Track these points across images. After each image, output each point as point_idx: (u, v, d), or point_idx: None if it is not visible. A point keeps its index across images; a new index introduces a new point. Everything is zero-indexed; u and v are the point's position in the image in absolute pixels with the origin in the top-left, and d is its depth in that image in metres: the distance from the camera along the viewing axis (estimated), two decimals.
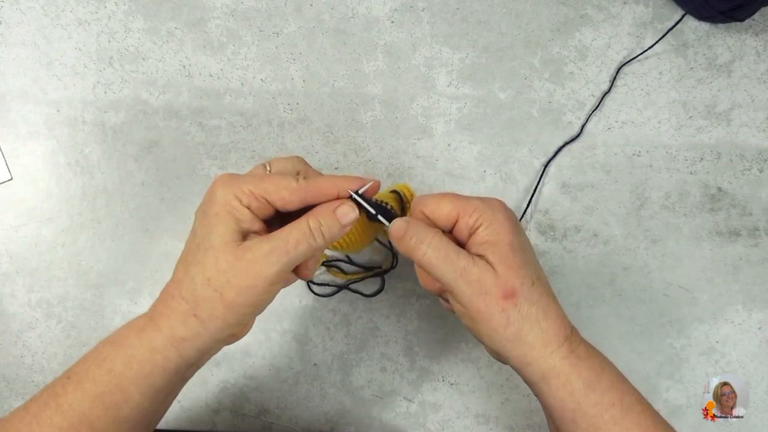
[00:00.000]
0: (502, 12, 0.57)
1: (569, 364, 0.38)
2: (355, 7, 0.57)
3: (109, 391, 0.37)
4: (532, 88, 0.57)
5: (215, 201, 0.38)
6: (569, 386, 0.38)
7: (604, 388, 0.38)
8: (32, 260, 0.56)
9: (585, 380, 0.38)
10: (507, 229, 0.39)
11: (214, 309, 0.37)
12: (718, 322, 0.57)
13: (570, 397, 0.38)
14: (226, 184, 0.38)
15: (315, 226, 0.39)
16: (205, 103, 0.56)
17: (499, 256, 0.38)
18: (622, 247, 0.57)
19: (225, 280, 0.37)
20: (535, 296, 0.38)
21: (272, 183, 0.38)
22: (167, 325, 0.37)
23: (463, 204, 0.40)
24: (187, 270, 0.38)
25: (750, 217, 0.57)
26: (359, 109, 0.57)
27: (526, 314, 0.38)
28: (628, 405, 0.38)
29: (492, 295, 0.37)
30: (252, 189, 0.38)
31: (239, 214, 0.38)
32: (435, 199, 0.41)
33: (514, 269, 0.38)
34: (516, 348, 0.38)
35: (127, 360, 0.37)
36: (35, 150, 0.56)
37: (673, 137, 0.57)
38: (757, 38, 0.58)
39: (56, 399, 0.37)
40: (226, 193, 0.38)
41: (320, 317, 0.56)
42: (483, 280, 0.38)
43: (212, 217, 0.38)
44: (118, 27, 0.56)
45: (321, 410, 0.56)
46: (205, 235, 0.38)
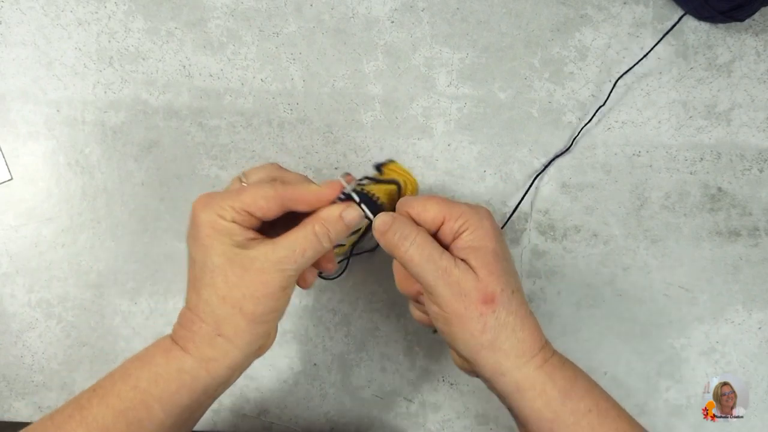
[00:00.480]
0: (502, 12, 0.57)
1: (544, 373, 0.38)
2: (355, 7, 0.57)
3: (133, 407, 0.37)
4: (532, 88, 0.57)
5: (201, 224, 0.38)
6: (545, 396, 0.38)
7: (580, 395, 0.38)
8: (32, 260, 0.56)
9: (560, 389, 0.38)
10: (491, 236, 0.39)
11: (238, 325, 0.38)
12: (718, 322, 0.57)
13: (546, 407, 0.38)
14: (205, 205, 0.38)
15: (321, 231, 0.39)
16: (205, 103, 0.56)
17: (482, 262, 0.38)
18: (622, 247, 0.57)
19: (240, 294, 0.37)
20: (513, 305, 0.38)
21: (248, 195, 0.38)
22: (193, 347, 0.38)
23: (449, 208, 0.40)
24: (200, 295, 0.38)
25: (750, 217, 0.57)
26: (359, 109, 0.57)
27: (504, 322, 0.38)
28: (604, 410, 0.38)
29: (471, 299, 0.37)
30: (231, 204, 0.38)
31: (227, 230, 0.38)
32: (421, 201, 0.40)
33: (495, 276, 0.38)
34: (490, 356, 0.38)
35: (153, 378, 0.38)
36: (35, 150, 0.56)
37: (673, 137, 0.57)
38: (757, 38, 0.58)
39: (81, 411, 0.37)
40: (209, 214, 0.38)
41: (320, 317, 0.56)
42: (463, 282, 0.38)
43: (204, 240, 0.38)
44: (118, 27, 0.56)
45: (321, 410, 0.56)
46: (204, 258, 0.38)
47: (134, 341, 0.56)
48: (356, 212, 0.40)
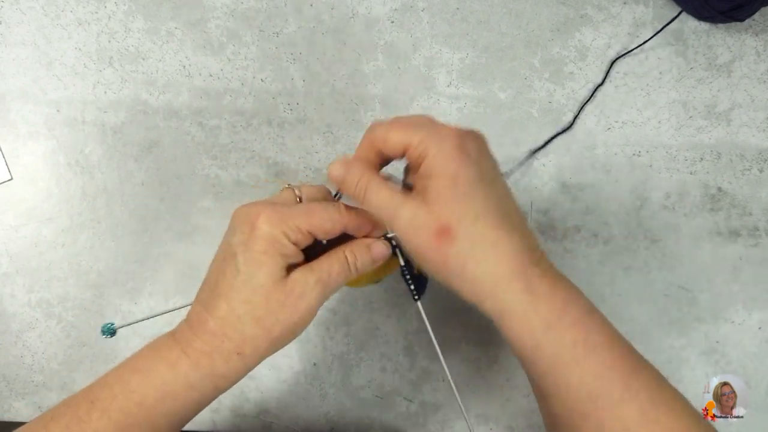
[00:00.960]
0: (502, 12, 0.57)
1: (526, 302, 0.35)
2: (355, 7, 0.57)
3: (137, 423, 0.36)
4: (532, 88, 0.57)
5: (261, 237, 0.36)
6: (526, 324, 0.35)
7: (566, 326, 0.36)
8: (32, 260, 0.56)
9: (543, 319, 0.35)
10: (453, 158, 0.35)
11: (259, 346, 0.37)
12: (718, 322, 0.57)
13: (528, 335, 0.36)
14: (273, 220, 0.36)
15: (352, 260, 0.39)
16: (205, 103, 0.56)
17: (436, 191, 0.35)
18: (622, 247, 0.57)
19: (275, 318, 0.36)
20: (477, 233, 0.35)
21: (318, 217, 0.37)
22: (208, 363, 0.37)
23: (410, 134, 0.36)
24: (233, 308, 0.36)
25: (750, 217, 0.57)
26: (359, 109, 0.57)
27: (468, 251, 0.35)
28: (593, 343, 0.36)
29: (425, 232, 0.35)
30: (299, 224, 0.36)
31: (287, 250, 0.36)
32: (385, 127, 0.38)
33: (449, 204, 0.35)
34: (463, 285, 0.36)
35: (161, 395, 0.36)
36: (35, 150, 0.56)
37: (673, 137, 0.57)
38: (757, 38, 0.58)
39: (80, 424, 0.36)
40: (274, 230, 0.36)
41: (320, 317, 0.56)
42: (416, 216, 0.35)
43: (260, 254, 0.36)
44: (118, 27, 0.56)
45: (321, 410, 0.56)
46: (253, 272, 0.36)
47: (134, 341, 0.56)
48: (383, 248, 0.40)
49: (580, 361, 0.35)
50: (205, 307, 0.37)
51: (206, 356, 0.36)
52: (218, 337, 0.36)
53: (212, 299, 0.37)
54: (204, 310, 0.37)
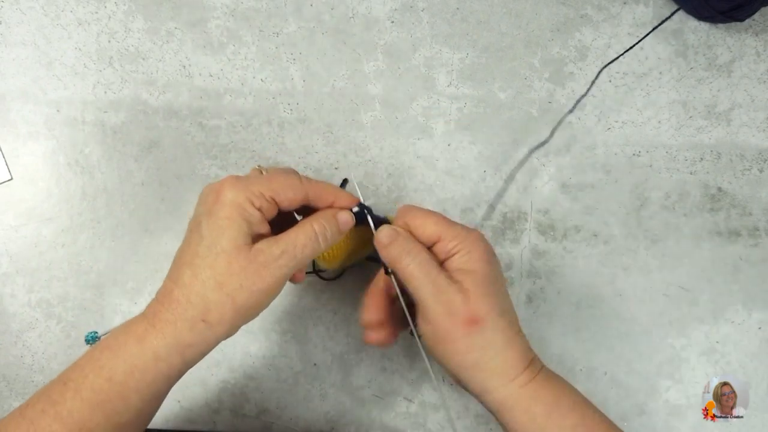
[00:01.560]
0: (502, 12, 0.57)
1: (529, 391, 0.39)
2: (355, 7, 0.57)
3: (109, 399, 0.37)
4: (532, 88, 0.57)
5: (225, 203, 0.37)
6: (530, 413, 0.39)
7: (565, 411, 0.39)
8: (32, 260, 0.56)
9: (545, 405, 0.39)
10: (484, 259, 0.40)
11: (224, 313, 0.37)
12: (718, 322, 0.57)
13: (532, 423, 0.39)
14: (236, 186, 0.38)
15: (320, 230, 0.40)
16: (205, 103, 0.56)
17: (472, 284, 0.39)
18: (622, 247, 0.57)
19: (238, 284, 0.37)
20: (500, 326, 0.39)
21: (279, 183, 0.39)
22: (172, 332, 0.37)
23: (446, 228, 0.41)
24: (196, 274, 0.37)
25: (750, 217, 0.57)
26: (359, 109, 0.57)
27: (491, 341, 0.39)
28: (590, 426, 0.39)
29: (459, 318, 0.39)
30: (262, 190, 0.38)
31: (251, 216, 0.38)
32: (422, 215, 0.42)
33: (483, 298, 0.39)
34: (476, 375, 0.39)
35: (129, 369, 0.37)
36: (35, 150, 0.56)
37: (673, 137, 0.57)
38: (757, 38, 0.58)
39: (54, 406, 0.37)
40: (237, 195, 0.37)
41: (320, 317, 0.56)
42: (453, 301, 0.39)
43: (223, 220, 0.37)
44: (118, 27, 0.56)
45: (321, 410, 0.56)
46: (216, 238, 0.37)
47: None
48: (349, 217, 0.42)
49: None
50: (170, 278, 0.39)
51: (171, 324, 0.37)
52: (182, 304, 0.37)
53: (178, 269, 0.38)
54: (170, 281, 0.38)
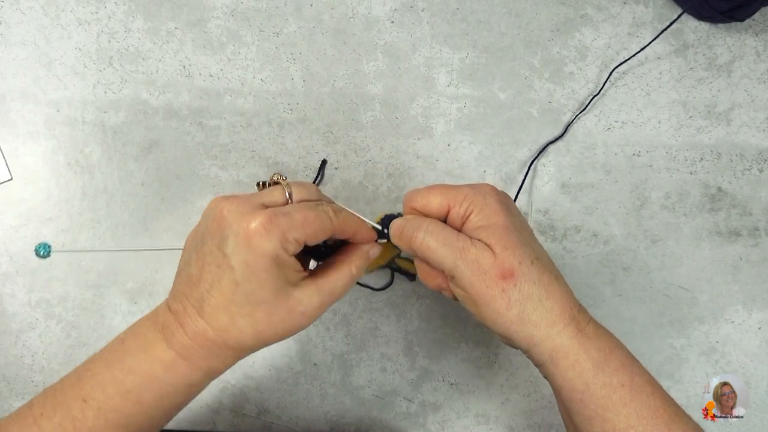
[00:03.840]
0: (502, 12, 0.57)
1: (577, 343, 0.37)
2: (355, 7, 0.57)
3: (135, 422, 0.37)
4: (532, 88, 0.57)
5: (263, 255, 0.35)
6: (578, 366, 0.37)
7: (614, 368, 0.38)
8: (32, 260, 0.56)
9: (594, 360, 0.37)
10: (499, 211, 0.39)
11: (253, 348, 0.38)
12: (718, 322, 0.57)
13: (579, 378, 0.37)
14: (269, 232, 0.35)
15: (357, 273, 0.40)
16: (205, 103, 0.56)
17: (495, 238, 0.38)
18: (622, 247, 0.57)
19: (274, 332, 0.37)
20: (535, 275, 0.38)
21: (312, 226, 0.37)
22: (206, 366, 0.37)
23: (453, 193, 0.39)
24: (234, 321, 0.36)
25: (750, 217, 0.57)
26: (359, 109, 0.57)
27: (528, 294, 0.37)
28: (638, 386, 0.38)
29: (491, 276, 0.37)
30: (296, 236, 0.36)
31: (287, 265, 0.36)
32: (424, 193, 0.40)
33: (510, 249, 0.37)
34: (521, 329, 0.38)
35: (159, 395, 0.37)
36: (35, 150, 0.56)
37: (673, 137, 0.57)
38: (757, 38, 0.58)
39: (74, 423, 0.36)
40: (273, 245, 0.35)
41: (320, 317, 0.56)
42: (481, 260, 0.37)
43: (261, 273, 0.35)
44: (118, 27, 0.56)
45: (321, 410, 0.56)
46: (256, 289, 0.35)
47: None
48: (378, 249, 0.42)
49: (628, 402, 0.37)
50: (200, 314, 0.36)
51: (204, 360, 0.37)
52: (218, 345, 0.37)
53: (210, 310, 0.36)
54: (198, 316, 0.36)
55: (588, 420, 0.38)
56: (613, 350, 0.39)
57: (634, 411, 0.37)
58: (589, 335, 0.38)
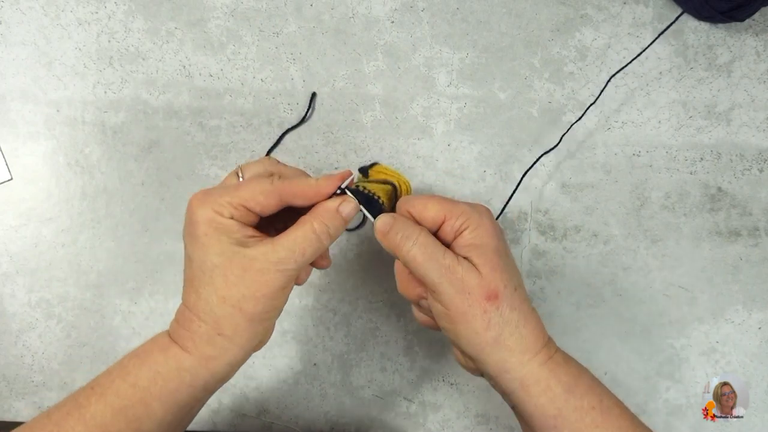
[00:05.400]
0: (502, 12, 0.57)
1: (548, 369, 0.38)
2: (355, 7, 0.57)
3: (131, 405, 0.37)
4: (532, 88, 0.57)
5: (198, 221, 0.38)
6: (549, 392, 0.38)
7: (583, 392, 0.38)
8: (32, 260, 0.56)
9: (564, 385, 0.38)
10: (492, 233, 0.39)
11: (238, 324, 0.38)
12: (718, 322, 0.57)
13: (551, 403, 0.38)
14: (202, 201, 0.38)
15: (321, 229, 0.39)
16: (205, 103, 0.56)
17: (485, 259, 0.38)
18: (622, 247, 0.57)
19: (239, 294, 0.37)
20: (516, 302, 0.38)
21: (246, 190, 0.38)
22: (193, 346, 0.38)
23: (450, 207, 0.40)
24: (198, 294, 0.38)
25: (750, 217, 0.57)
26: (359, 109, 0.57)
27: (508, 318, 0.38)
28: (607, 408, 0.38)
29: (475, 296, 0.37)
30: (229, 200, 0.38)
31: (226, 227, 0.38)
32: (422, 201, 0.40)
33: (498, 272, 0.38)
34: (495, 353, 0.38)
35: (153, 375, 0.37)
36: (35, 150, 0.56)
37: (673, 137, 0.57)
38: (757, 38, 0.58)
39: (79, 409, 0.37)
40: (206, 211, 0.38)
41: (320, 317, 0.56)
42: (467, 279, 0.37)
43: (202, 238, 0.37)
44: (118, 27, 0.56)
45: (321, 410, 0.56)
46: (203, 256, 0.37)
47: (134, 341, 0.56)
48: (353, 205, 0.40)
49: (600, 424, 0.38)
50: (183, 300, 0.39)
51: (190, 341, 0.38)
52: (194, 322, 0.38)
53: (186, 292, 0.39)
54: (183, 303, 0.39)
55: None
56: (581, 374, 0.39)
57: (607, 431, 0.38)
58: (559, 362, 0.39)
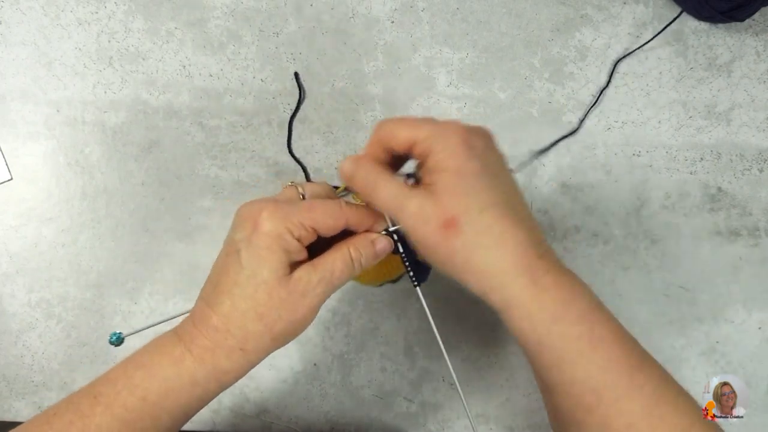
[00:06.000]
0: (502, 12, 0.57)
1: (530, 295, 0.36)
2: (355, 7, 0.57)
3: (141, 418, 0.37)
4: (532, 88, 0.57)
5: (264, 233, 0.36)
6: (531, 318, 0.36)
7: (572, 320, 0.36)
8: (32, 260, 0.56)
9: (549, 312, 0.36)
10: (458, 154, 0.36)
11: (262, 343, 0.37)
12: (718, 322, 0.57)
13: (532, 329, 0.36)
14: (275, 216, 0.36)
15: (356, 256, 0.39)
16: (205, 103, 0.56)
17: (443, 184, 0.36)
18: (622, 247, 0.57)
19: (277, 315, 0.37)
20: (483, 224, 0.36)
21: (320, 211, 0.37)
22: (211, 359, 0.37)
23: (416, 130, 0.37)
24: (236, 304, 0.37)
25: (750, 217, 0.57)
26: (359, 109, 0.57)
27: (474, 243, 0.35)
28: (598, 336, 0.36)
29: (432, 224, 0.36)
30: (302, 220, 0.37)
31: (290, 246, 0.37)
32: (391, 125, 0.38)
33: (456, 197, 0.36)
34: (470, 276, 0.36)
35: (164, 391, 0.37)
36: (35, 150, 0.56)
37: (673, 137, 0.57)
38: (757, 38, 0.58)
39: (83, 419, 0.36)
40: (277, 226, 0.36)
41: (320, 317, 0.56)
42: (423, 208, 0.36)
43: (264, 251, 0.36)
44: (118, 27, 0.56)
45: (321, 410, 0.56)
46: (256, 269, 0.36)
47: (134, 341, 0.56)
48: (386, 242, 0.40)
49: (586, 354, 0.36)
50: (208, 304, 0.38)
51: (209, 352, 0.37)
52: (221, 333, 0.37)
53: (215, 296, 0.37)
54: (207, 307, 0.38)
55: (546, 368, 0.37)
56: (573, 301, 0.37)
57: (593, 361, 0.36)
58: (546, 286, 0.36)
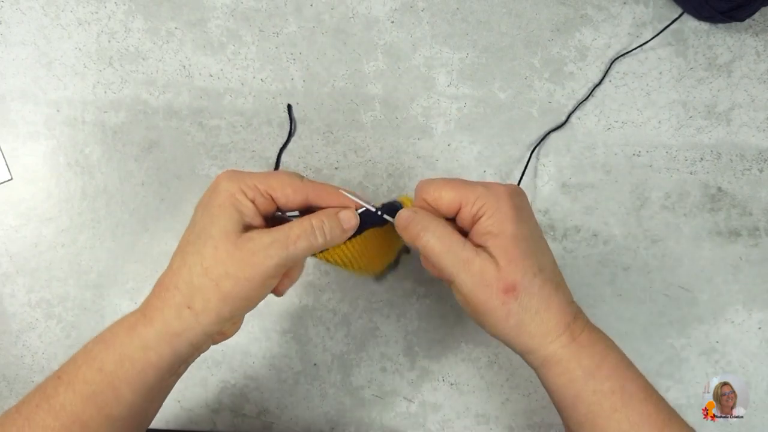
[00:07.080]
0: (502, 12, 0.57)
1: (569, 352, 0.38)
2: (355, 7, 0.57)
3: (100, 391, 0.36)
4: (532, 88, 0.57)
5: (219, 192, 0.38)
6: (568, 374, 0.38)
7: (605, 375, 0.38)
8: (32, 260, 0.56)
9: (585, 368, 0.38)
10: (510, 218, 0.38)
11: (209, 300, 0.37)
12: (718, 322, 0.57)
13: (570, 384, 0.38)
14: (231, 177, 0.38)
15: (318, 224, 0.39)
16: (205, 103, 0.56)
17: (501, 249, 0.38)
18: (622, 247, 0.57)
19: (223, 270, 0.37)
20: (536, 288, 0.38)
21: (277, 180, 0.39)
22: (160, 318, 0.37)
23: (465, 192, 0.39)
24: (184, 259, 0.38)
25: (750, 217, 0.57)
26: (359, 109, 0.57)
27: (527, 306, 0.38)
28: (629, 392, 0.38)
29: (493, 289, 0.38)
30: (257, 183, 0.38)
31: (243, 207, 0.38)
32: (437, 186, 0.40)
33: (515, 262, 0.38)
34: (518, 337, 0.39)
35: (119, 359, 0.37)
36: (35, 150, 0.56)
37: (673, 137, 0.57)
38: (757, 38, 0.58)
39: (48, 400, 0.37)
40: (231, 186, 0.38)
41: (320, 317, 0.56)
42: (485, 272, 0.38)
43: (215, 209, 0.38)
44: (118, 27, 0.56)
45: (321, 410, 0.56)
46: (206, 225, 0.38)
47: None
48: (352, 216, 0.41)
49: (619, 409, 0.38)
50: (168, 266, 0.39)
51: (159, 312, 0.37)
52: (170, 290, 0.37)
53: (173, 258, 0.39)
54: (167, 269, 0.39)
55: (579, 424, 0.39)
56: (606, 357, 0.39)
57: (626, 417, 0.38)
58: (583, 343, 0.39)
